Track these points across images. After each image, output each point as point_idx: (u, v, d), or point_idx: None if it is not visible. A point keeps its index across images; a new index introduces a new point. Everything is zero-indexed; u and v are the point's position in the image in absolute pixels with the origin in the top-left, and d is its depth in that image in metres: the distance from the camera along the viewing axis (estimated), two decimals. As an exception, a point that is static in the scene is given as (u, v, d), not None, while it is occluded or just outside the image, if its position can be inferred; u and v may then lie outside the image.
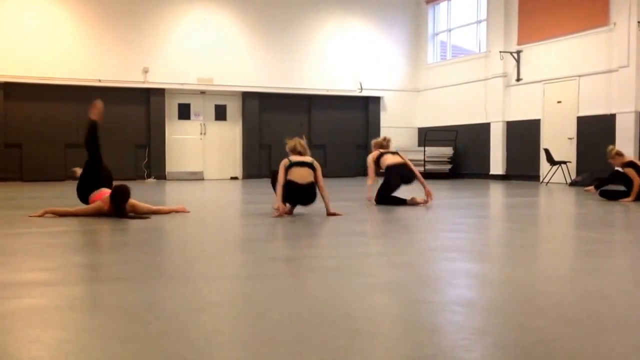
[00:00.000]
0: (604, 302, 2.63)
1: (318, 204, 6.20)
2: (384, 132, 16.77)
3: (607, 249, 4.25)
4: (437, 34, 17.33)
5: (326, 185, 6.24)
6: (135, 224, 5.39)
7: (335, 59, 16.53)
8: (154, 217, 5.78)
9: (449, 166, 15.85)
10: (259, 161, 15.79)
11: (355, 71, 16.72)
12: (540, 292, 2.87)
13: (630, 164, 8.09)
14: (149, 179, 14.62)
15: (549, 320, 2.30)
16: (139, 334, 2.14)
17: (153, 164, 14.87)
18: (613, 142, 11.98)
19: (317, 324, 2.24)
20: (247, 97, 15.70)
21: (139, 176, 14.65)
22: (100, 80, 14.26)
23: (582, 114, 12.67)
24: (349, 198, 8.75)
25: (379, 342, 2.03)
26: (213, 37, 15.34)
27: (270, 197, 8.89)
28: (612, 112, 12.03)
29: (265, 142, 15.83)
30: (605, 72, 12.19)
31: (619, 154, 8.42)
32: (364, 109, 17.07)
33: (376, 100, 17.00)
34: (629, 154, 11.71)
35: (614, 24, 11.94)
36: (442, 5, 17.08)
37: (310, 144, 6.52)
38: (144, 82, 14.47)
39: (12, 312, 2.43)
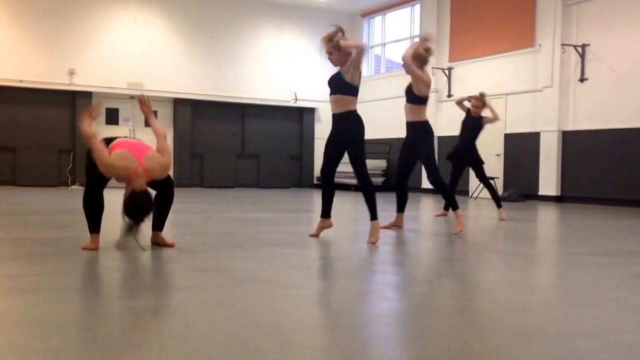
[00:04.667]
0: (524, 315, 2.70)
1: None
2: (317, 144, 16.86)
3: (528, 263, 4.36)
4: (371, 48, 17.54)
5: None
6: (53, 233, 5.07)
7: (270, 69, 16.43)
8: (80, 225, 5.49)
9: (382, 179, 16.01)
10: (190, 170, 15.43)
11: (290, 81, 16.67)
12: (470, 305, 2.93)
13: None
14: (73, 186, 13.99)
15: (475, 331, 2.41)
16: (61, 347, 2.06)
17: (78, 170, 14.24)
18: (538, 159, 12.47)
19: (247, 337, 2.20)
20: (179, 104, 15.34)
21: (62, 183, 14.00)
22: (21, 81, 13.58)
23: (509, 131, 13.09)
24: (285, 209, 8.66)
25: (309, 355, 2.03)
26: (145, 41, 14.93)
27: (201, 207, 8.71)
28: (537, 130, 12.48)
29: (196, 151, 15.50)
30: (531, 92, 12.65)
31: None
32: (299, 120, 17.02)
33: (311, 111, 17.00)
34: (552, 171, 12.26)
35: (539, 45, 12.43)
36: (377, 19, 17.32)
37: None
38: (69, 85, 13.86)
39: None
